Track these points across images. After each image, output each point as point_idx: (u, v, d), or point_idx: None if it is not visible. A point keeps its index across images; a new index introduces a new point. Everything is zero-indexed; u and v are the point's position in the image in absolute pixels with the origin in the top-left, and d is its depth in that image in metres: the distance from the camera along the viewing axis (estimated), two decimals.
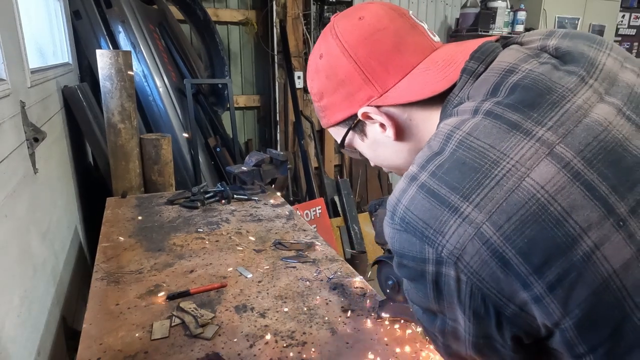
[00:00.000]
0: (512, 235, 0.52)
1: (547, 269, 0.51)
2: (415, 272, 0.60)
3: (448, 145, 0.60)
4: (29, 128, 1.61)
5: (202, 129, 3.53)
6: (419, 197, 0.58)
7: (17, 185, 1.43)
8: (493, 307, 0.55)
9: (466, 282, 0.55)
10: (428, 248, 0.57)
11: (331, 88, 0.77)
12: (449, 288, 0.57)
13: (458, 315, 0.59)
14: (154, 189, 2.61)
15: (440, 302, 0.60)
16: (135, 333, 1.17)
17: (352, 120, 0.78)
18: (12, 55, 1.57)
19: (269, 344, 1.13)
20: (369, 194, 4.82)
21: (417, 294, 0.63)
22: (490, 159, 0.55)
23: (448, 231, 0.55)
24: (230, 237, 1.78)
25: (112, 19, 3.08)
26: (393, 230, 0.61)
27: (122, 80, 2.45)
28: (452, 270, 0.55)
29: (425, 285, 0.59)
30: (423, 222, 0.57)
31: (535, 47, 0.68)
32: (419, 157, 0.63)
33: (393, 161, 0.80)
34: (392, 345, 1.13)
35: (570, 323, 0.52)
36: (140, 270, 1.49)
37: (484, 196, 0.54)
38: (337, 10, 4.24)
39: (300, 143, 4.11)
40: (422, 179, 0.59)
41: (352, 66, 0.73)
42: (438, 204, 0.56)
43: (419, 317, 0.68)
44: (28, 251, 1.50)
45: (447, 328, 0.62)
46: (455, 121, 0.62)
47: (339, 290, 1.38)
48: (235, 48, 4.21)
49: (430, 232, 0.56)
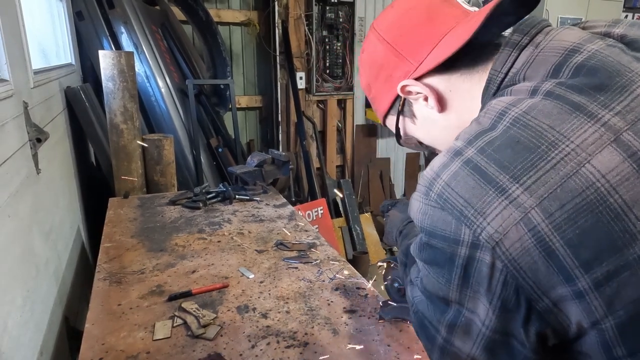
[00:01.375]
0: (563, 225, 0.48)
1: (597, 264, 0.48)
2: (443, 255, 0.56)
3: (501, 122, 0.55)
4: (31, 128, 1.62)
5: (204, 129, 3.53)
6: (463, 174, 0.54)
7: (20, 186, 1.44)
8: (525, 299, 0.52)
9: (501, 270, 0.51)
10: (465, 229, 0.53)
11: (373, 76, 0.77)
12: (479, 275, 0.53)
13: (480, 307, 0.55)
14: (156, 190, 2.62)
15: (463, 291, 0.56)
16: (138, 333, 1.17)
17: (397, 103, 0.76)
18: (15, 56, 1.58)
19: (271, 345, 1.13)
20: (370, 195, 4.82)
21: (436, 279, 0.59)
22: (548, 140, 0.51)
23: (491, 213, 0.51)
24: (232, 237, 1.78)
25: (115, 19, 3.09)
26: (426, 206, 0.57)
27: (125, 80, 2.46)
28: (487, 255, 0.52)
29: (451, 269, 0.56)
30: (464, 200, 0.53)
31: (599, 33, 0.63)
32: (464, 132, 0.59)
33: (445, 138, 0.75)
34: (394, 346, 1.13)
35: (612, 323, 0.49)
36: (143, 271, 1.50)
37: (537, 179, 0.50)
38: (339, 11, 4.24)
39: (302, 143, 4.11)
40: (469, 155, 0.55)
41: (386, 48, 0.73)
42: (483, 183, 0.52)
43: (421, 308, 0.64)
44: (31, 251, 1.50)
45: (460, 321, 0.58)
46: (509, 99, 0.58)
47: (341, 291, 1.38)
48: (237, 49, 4.21)
49: (470, 212, 0.52)
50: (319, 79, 4.35)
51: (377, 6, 4.48)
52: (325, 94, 4.42)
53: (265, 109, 4.45)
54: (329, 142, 4.56)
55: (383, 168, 4.90)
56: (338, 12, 4.24)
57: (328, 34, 4.28)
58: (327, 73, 4.38)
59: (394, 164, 5.04)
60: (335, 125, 4.57)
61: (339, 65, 4.40)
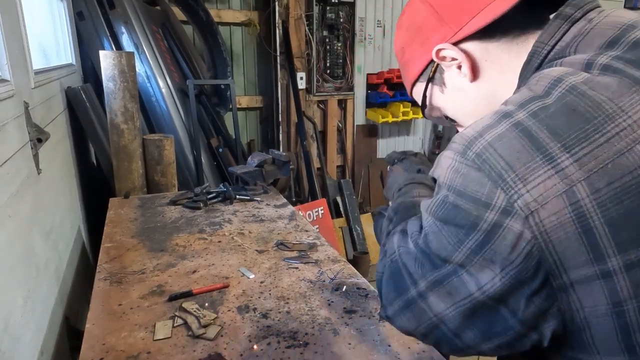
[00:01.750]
0: (607, 203, 0.47)
1: (634, 247, 0.47)
2: (466, 217, 0.53)
3: (556, 89, 0.53)
4: (32, 129, 1.62)
5: (205, 129, 3.53)
6: (510, 136, 0.51)
7: (21, 186, 1.44)
8: (544, 273, 0.50)
9: (528, 241, 0.49)
10: (500, 193, 0.50)
11: (409, 39, 0.75)
12: (501, 242, 0.51)
13: (485, 273, 0.53)
14: (157, 190, 2.62)
15: (474, 255, 0.53)
16: (138, 333, 1.17)
17: (429, 69, 0.74)
18: (16, 56, 1.58)
19: (271, 345, 1.13)
20: (371, 195, 4.82)
21: (446, 238, 0.56)
22: (605, 112, 0.49)
23: (533, 180, 0.49)
24: (232, 237, 1.78)
25: (115, 20, 3.09)
26: (460, 164, 0.54)
27: (125, 81, 2.46)
28: (517, 224, 0.50)
29: (469, 233, 0.53)
30: (505, 163, 0.50)
31: None
32: (514, 97, 0.56)
33: (471, 111, 0.73)
34: (394, 346, 1.13)
35: (636, 306, 0.48)
36: (143, 271, 1.50)
37: (589, 152, 0.48)
38: (340, 11, 4.24)
39: (302, 144, 4.11)
40: (520, 117, 0.52)
41: (428, 10, 0.71)
42: (532, 148, 0.50)
43: (405, 259, 0.61)
44: (31, 251, 1.51)
45: (451, 280, 0.56)
46: (563, 69, 0.55)
47: (341, 291, 1.38)
48: (237, 49, 4.22)
49: (510, 176, 0.50)
50: (320, 79, 4.35)
51: (378, 6, 4.48)
52: (325, 94, 4.42)
53: (265, 109, 4.45)
54: (330, 142, 4.56)
55: (383, 168, 4.90)
56: (338, 12, 4.24)
57: (328, 34, 4.29)
58: (328, 73, 4.38)
59: None
60: (335, 126, 4.57)
61: (340, 65, 4.40)
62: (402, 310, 0.62)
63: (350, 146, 4.70)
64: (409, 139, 5.11)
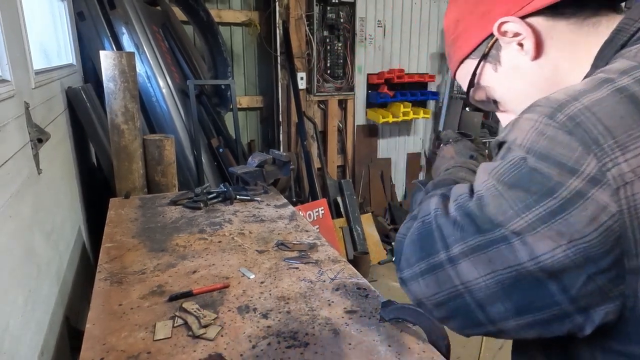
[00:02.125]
0: None
1: None
2: (544, 181, 0.49)
3: None
4: (33, 129, 1.62)
5: (205, 129, 3.54)
6: (612, 101, 0.48)
7: (21, 186, 1.44)
8: (620, 252, 0.46)
9: (612, 215, 0.46)
10: (592, 160, 0.46)
11: (468, 10, 0.70)
12: (579, 214, 0.47)
13: (545, 243, 0.49)
14: (157, 190, 2.62)
15: (540, 224, 0.49)
16: (138, 333, 1.17)
17: (486, 44, 0.68)
18: (16, 56, 1.58)
19: (272, 345, 1.13)
20: (371, 195, 4.82)
21: (508, 203, 0.51)
22: None
23: (635, 149, 0.45)
24: (232, 237, 1.78)
25: (116, 20, 3.10)
26: (547, 127, 0.50)
27: (126, 81, 2.47)
28: (605, 195, 0.46)
29: (542, 199, 0.49)
30: (604, 128, 0.46)
31: None
32: (611, 67, 0.53)
33: (525, 94, 0.67)
34: (394, 346, 1.13)
35: None
36: (143, 271, 1.50)
37: None
38: (340, 11, 4.24)
39: (302, 144, 4.12)
40: (623, 82, 0.49)
41: None
42: (636, 114, 0.46)
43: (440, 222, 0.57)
44: (32, 251, 1.51)
45: (497, 248, 0.52)
46: None
47: (342, 291, 1.38)
48: (238, 49, 4.22)
49: (607, 143, 0.46)
50: (320, 79, 4.35)
51: (378, 6, 4.49)
52: (326, 94, 4.42)
53: (266, 109, 4.45)
54: (330, 142, 4.56)
55: (384, 168, 4.90)
56: (339, 13, 4.24)
57: (329, 34, 4.29)
58: (328, 73, 4.38)
59: (394, 164, 5.05)
60: (336, 126, 4.58)
61: (340, 65, 4.41)
62: (422, 273, 0.58)
63: (351, 146, 4.70)
64: (410, 139, 5.11)
